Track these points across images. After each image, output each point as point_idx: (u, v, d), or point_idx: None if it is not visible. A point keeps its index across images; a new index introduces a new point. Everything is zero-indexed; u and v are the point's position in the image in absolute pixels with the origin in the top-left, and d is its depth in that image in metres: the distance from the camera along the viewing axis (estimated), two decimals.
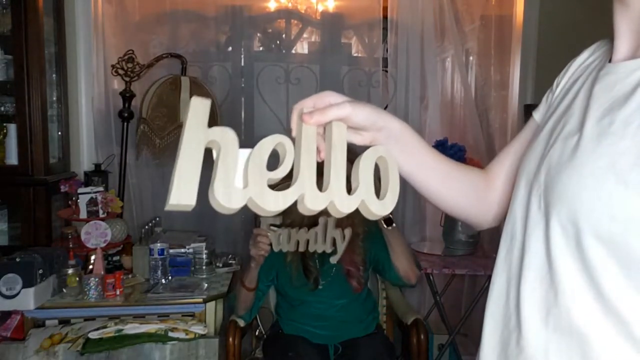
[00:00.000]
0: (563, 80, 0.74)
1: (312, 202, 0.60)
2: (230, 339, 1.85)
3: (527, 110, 2.61)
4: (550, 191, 0.60)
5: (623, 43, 0.63)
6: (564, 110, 0.66)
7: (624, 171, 0.53)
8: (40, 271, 1.86)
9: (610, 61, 0.65)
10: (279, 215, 1.31)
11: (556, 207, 0.58)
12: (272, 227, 1.56)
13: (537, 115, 0.78)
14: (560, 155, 0.61)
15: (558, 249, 0.58)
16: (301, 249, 1.49)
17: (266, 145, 0.61)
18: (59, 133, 2.45)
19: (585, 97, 0.63)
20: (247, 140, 2.78)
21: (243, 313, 1.90)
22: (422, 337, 1.88)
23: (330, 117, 0.67)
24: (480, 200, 0.81)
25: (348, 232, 1.48)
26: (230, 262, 2.32)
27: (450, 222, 2.49)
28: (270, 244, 1.58)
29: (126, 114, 2.42)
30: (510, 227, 0.68)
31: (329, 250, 1.48)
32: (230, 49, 2.71)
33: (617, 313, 0.54)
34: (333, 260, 1.46)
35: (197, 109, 0.58)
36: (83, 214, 2.11)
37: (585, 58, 0.73)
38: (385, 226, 1.84)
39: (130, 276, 2.13)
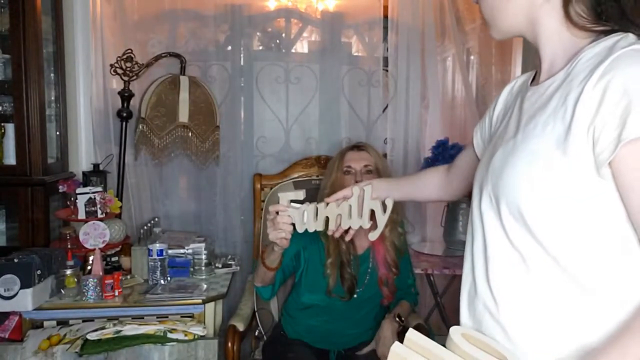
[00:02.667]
0: (497, 110, 1.00)
1: None
2: (229, 344, 1.84)
3: None
4: (496, 188, 0.81)
5: (541, 69, 0.86)
6: (503, 129, 0.89)
7: (539, 166, 0.74)
8: (39, 272, 1.85)
9: (531, 84, 0.88)
10: (301, 189, 1.31)
11: (502, 199, 0.79)
12: (293, 204, 1.26)
13: (476, 140, 1.10)
14: (501, 160, 0.82)
15: (502, 229, 0.81)
16: (331, 226, 1.20)
17: None
18: (57, 133, 2.43)
19: (518, 114, 0.85)
20: (247, 141, 2.78)
21: (260, 285, 1.82)
22: None
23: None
24: (446, 187, 1.23)
25: (390, 202, 1.20)
26: (230, 262, 2.31)
27: (450, 223, 2.48)
28: (294, 224, 1.27)
29: (125, 114, 2.40)
30: (470, 225, 0.91)
31: (366, 226, 1.20)
32: (229, 48, 2.70)
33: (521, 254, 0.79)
34: (373, 237, 1.20)
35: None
36: (81, 215, 2.10)
37: (511, 87, 0.98)
38: (398, 319, 1.85)
39: (129, 277, 2.12)
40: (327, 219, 1.21)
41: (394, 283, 1.91)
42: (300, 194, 1.28)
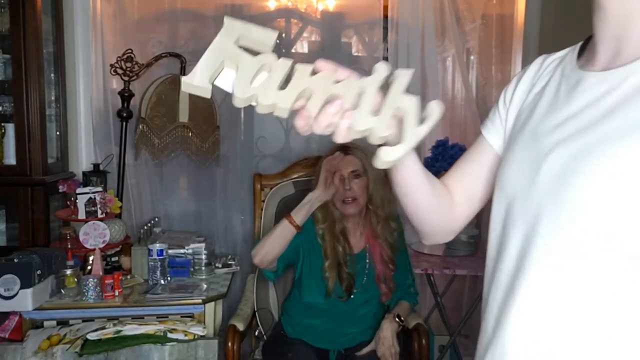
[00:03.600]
0: (516, 97, 0.77)
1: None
2: (229, 344, 1.84)
3: None
4: (562, 204, 0.61)
5: (604, 49, 0.65)
6: (541, 122, 0.68)
7: (634, 176, 0.56)
8: (39, 272, 1.85)
9: (579, 66, 0.69)
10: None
11: (578, 220, 0.60)
12: (242, 53, 0.62)
13: (489, 134, 0.81)
14: (565, 165, 0.62)
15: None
16: (311, 108, 0.60)
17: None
18: (57, 133, 2.43)
19: (574, 103, 0.66)
20: (247, 141, 2.78)
21: (260, 259, 1.81)
22: (423, 342, 1.88)
23: None
24: (444, 214, 0.83)
25: (438, 107, 0.63)
26: (230, 262, 2.31)
27: None
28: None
29: (125, 114, 2.40)
30: (495, 262, 0.71)
31: (383, 133, 0.61)
32: None
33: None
34: (388, 157, 0.61)
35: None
36: (81, 215, 2.10)
37: (538, 68, 0.76)
38: (397, 319, 1.85)
39: (129, 277, 2.12)
40: (309, 98, 0.61)
41: (392, 279, 1.92)
42: (270, 37, 0.61)
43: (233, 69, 0.61)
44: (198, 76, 0.61)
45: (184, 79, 0.60)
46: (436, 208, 0.81)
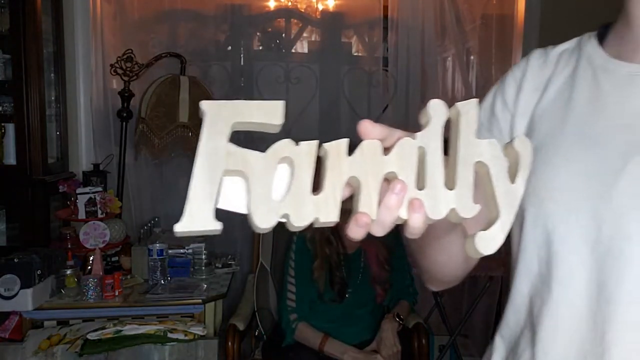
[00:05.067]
0: (524, 98, 0.65)
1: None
2: (230, 343, 1.84)
3: None
4: None
5: None
6: (585, 122, 0.58)
7: None
8: (39, 272, 1.85)
9: (613, 56, 0.60)
10: None
11: None
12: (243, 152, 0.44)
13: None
14: None
15: None
16: (370, 212, 0.43)
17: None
18: (58, 133, 2.43)
19: (637, 102, 0.57)
20: (246, 140, 2.78)
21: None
22: (423, 341, 1.88)
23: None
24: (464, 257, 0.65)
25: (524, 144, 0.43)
26: (230, 262, 2.31)
27: None
28: None
29: (125, 114, 2.40)
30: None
31: (468, 214, 0.41)
32: (229, 48, 2.70)
33: None
34: (487, 250, 0.41)
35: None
36: (81, 214, 2.10)
37: (543, 61, 0.65)
38: (397, 319, 1.86)
39: (129, 277, 2.12)
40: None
41: (387, 280, 1.92)
42: (276, 111, 0.43)
43: (239, 177, 0.42)
44: (196, 217, 0.40)
45: (178, 227, 0.38)
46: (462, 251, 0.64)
